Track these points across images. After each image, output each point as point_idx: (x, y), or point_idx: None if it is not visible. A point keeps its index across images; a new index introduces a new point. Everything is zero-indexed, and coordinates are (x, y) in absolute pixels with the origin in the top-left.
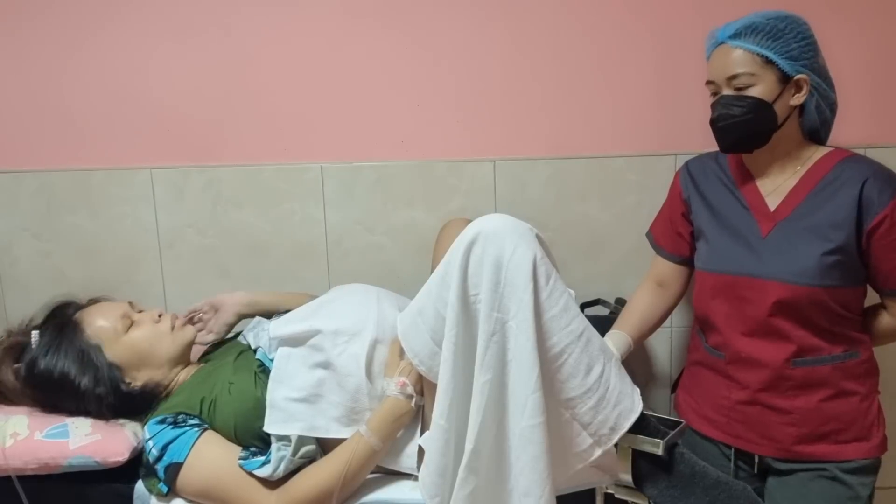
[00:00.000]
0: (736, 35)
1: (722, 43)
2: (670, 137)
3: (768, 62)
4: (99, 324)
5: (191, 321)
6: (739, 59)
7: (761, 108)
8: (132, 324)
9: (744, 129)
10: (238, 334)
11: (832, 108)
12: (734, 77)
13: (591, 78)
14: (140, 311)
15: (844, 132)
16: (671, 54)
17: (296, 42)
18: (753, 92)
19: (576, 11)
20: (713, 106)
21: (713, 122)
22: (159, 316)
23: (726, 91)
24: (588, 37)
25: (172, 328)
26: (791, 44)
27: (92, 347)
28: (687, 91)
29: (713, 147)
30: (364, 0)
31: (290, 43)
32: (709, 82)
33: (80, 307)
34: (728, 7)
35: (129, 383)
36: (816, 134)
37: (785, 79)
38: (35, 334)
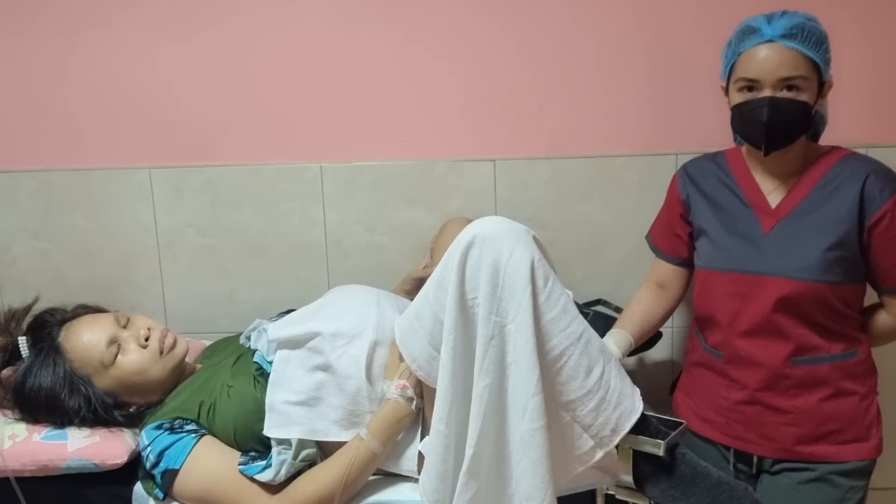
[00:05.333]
0: (790, 35)
1: (771, 41)
2: (670, 137)
3: (815, 67)
4: (84, 354)
5: None
6: (796, 61)
7: (808, 112)
8: (119, 349)
9: (790, 131)
10: (238, 335)
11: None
12: (789, 79)
13: (592, 78)
14: (126, 325)
15: (844, 132)
16: (671, 54)
17: (295, 41)
18: (804, 96)
19: (576, 11)
20: (757, 106)
21: (765, 124)
22: (146, 339)
23: (771, 91)
24: (588, 36)
25: (161, 352)
26: (827, 51)
27: (82, 378)
28: (687, 91)
29: (714, 147)
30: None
31: (290, 42)
32: (746, 79)
33: (65, 319)
34: (728, 7)
35: (124, 407)
36: (815, 133)
37: (820, 84)
38: (23, 343)
